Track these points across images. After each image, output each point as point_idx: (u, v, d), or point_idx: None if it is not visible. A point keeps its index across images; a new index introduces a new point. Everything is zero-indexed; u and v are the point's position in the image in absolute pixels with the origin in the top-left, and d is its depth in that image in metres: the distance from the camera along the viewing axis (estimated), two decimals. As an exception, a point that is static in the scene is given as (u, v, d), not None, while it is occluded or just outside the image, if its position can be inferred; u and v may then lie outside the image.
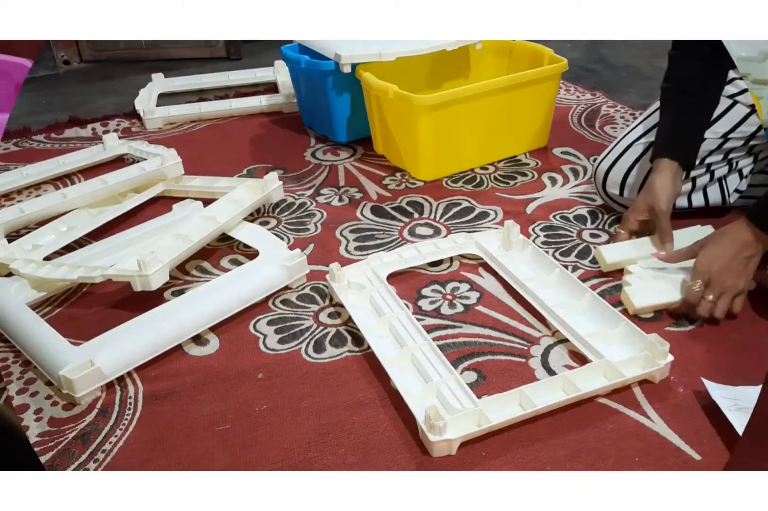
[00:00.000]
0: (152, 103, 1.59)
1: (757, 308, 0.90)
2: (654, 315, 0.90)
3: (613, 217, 1.11)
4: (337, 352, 0.86)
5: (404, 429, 0.74)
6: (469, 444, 0.72)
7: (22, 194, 1.26)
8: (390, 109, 1.20)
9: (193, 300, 0.89)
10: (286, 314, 0.93)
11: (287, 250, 0.98)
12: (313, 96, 1.36)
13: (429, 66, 1.35)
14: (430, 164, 1.23)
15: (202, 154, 1.37)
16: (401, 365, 0.81)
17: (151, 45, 1.95)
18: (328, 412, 0.77)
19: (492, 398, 0.74)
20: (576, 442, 0.72)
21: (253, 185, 1.11)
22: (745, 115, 0.98)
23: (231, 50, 1.96)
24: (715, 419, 0.73)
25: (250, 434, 0.75)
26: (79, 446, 0.74)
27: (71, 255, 1.01)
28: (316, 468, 0.70)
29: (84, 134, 1.49)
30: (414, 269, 1.00)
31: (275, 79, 1.69)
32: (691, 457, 0.70)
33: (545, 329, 0.88)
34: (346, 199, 1.20)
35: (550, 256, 0.99)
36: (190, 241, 0.96)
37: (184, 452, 0.73)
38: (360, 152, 1.36)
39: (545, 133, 1.34)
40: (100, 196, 1.14)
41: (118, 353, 0.81)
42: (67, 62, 1.94)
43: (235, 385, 0.81)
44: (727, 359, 0.82)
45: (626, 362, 0.77)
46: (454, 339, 0.87)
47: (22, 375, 0.84)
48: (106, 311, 0.94)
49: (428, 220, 1.13)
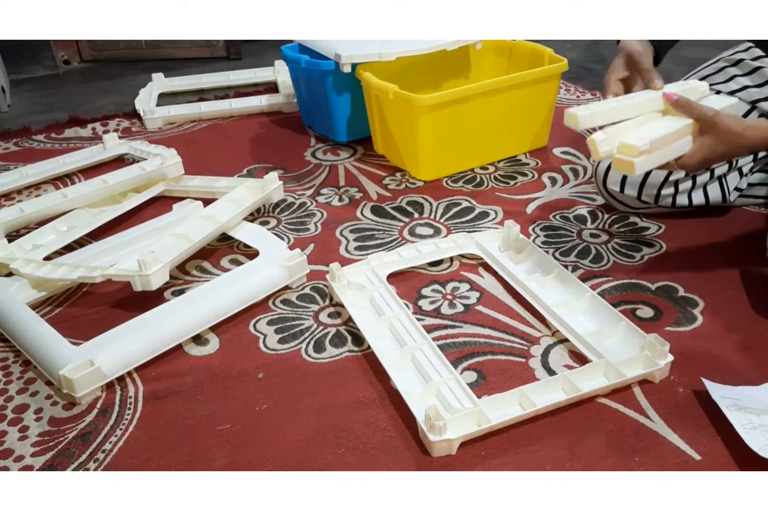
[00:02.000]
0: (152, 103, 1.59)
1: (757, 308, 0.90)
2: (654, 315, 0.90)
3: (613, 217, 1.11)
4: (337, 352, 0.86)
5: (404, 429, 0.74)
6: (469, 444, 0.72)
7: (22, 194, 1.26)
8: (390, 109, 1.20)
9: (193, 300, 0.89)
10: (286, 313, 0.93)
11: (287, 250, 0.98)
12: (313, 96, 1.36)
13: (429, 66, 1.35)
14: (430, 164, 1.23)
15: (202, 154, 1.37)
16: (401, 365, 0.81)
17: (151, 45, 1.95)
18: (328, 412, 0.77)
19: (492, 398, 0.74)
20: (576, 442, 0.72)
21: (253, 185, 1.11)
22: (745, 112, 0.98)
23: (231, 50, 1.96)
24: (715, 419, 0.73)
25: (250, 434, 0.75)
26: (79, 445, 0.74)
27: (71, 255, 1.01)
28: (316, 468, 0.70)
29: (84, 134, 1.49)
30: (414, 269, 1.00)
31: (275, 79, 1.69)
32: (691, 457, 0.70)
33: (545, 329, 0.88)
34: (346, 199, 1.20)
35: (550, 256, 0.99)
36: (190, 241, 0.96)
37: (184, 452, 0.73)
38: (360, 152, 1.36)
39: (545, 133, 1.34)
40: (100, 196, 1.14)
41: (118, 353, 0.81)
42: (67, 62, 1.94)
43: (235, 385, 0.81)
44: (727, 359, 0.82)
45: (626, 362, 0.77)
46: (454, 339, 0.87)
47: (22, 375, 0.84)
48: (106, 311, 0.94)
49: (428, 220, 1.13)
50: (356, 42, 1.24)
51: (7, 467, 0.72)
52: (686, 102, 0.79)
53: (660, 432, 0.73)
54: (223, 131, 1.49)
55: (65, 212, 1.11)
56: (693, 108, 0.78)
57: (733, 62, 1.00)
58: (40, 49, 1.87)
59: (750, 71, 0.99)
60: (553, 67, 1.25)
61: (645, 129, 0.79)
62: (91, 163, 1.32)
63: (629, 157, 0.76)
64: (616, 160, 0.78)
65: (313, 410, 0.77)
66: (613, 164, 0.79)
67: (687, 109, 0.79)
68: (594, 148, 0.77)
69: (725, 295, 0.93)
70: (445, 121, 1.18)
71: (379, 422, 0.75)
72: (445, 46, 1.26)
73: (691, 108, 0.79)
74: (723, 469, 0.68)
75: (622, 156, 0.77)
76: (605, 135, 0.77)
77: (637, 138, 0.76)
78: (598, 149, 0.77)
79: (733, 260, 0.99)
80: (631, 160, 0.76)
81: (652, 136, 0.77)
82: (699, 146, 0.78)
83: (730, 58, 1.01)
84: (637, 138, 0.76)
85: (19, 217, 1.07)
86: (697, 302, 0.92)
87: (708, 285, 0.95)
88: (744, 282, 0.95)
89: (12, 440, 0.75)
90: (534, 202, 1.16)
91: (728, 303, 0.91)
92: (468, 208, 1.16)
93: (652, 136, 0.77)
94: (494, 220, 1.12)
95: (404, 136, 1.22)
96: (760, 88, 0.98)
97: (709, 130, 0.78)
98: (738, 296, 0.92)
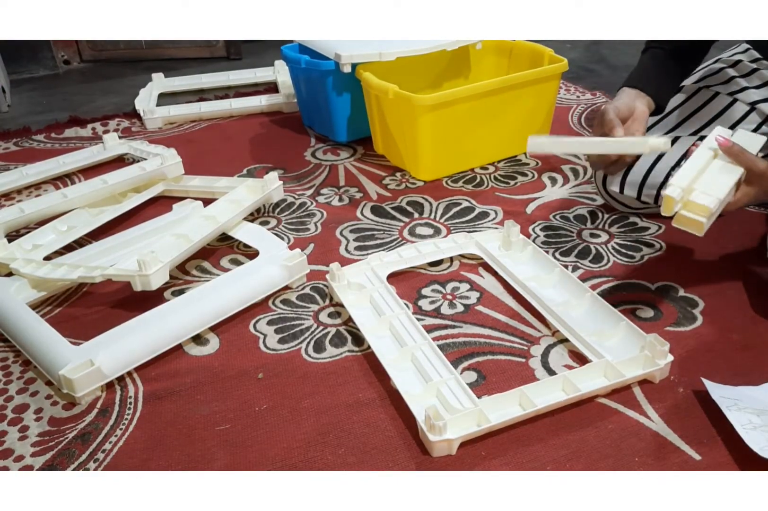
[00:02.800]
0: (152, 103, 1.59)
1: (757, 308, 0.90)
2: (654, 315, 0.90)
3: (613, 217, 1.11)
4: (337, 352, 0.86)
5: (404, 429, 0.74)
6: (469, 444, 0.72)
7: (22, 194, 1.26)
8: (390, 109, 1.20)
9: (193, 300, 0.89)
10: (286, 313, 0.93)
11: (287, 250, 0.98)
12: (313, 96, 1.36)
13: (429, 66, 1.35)
14: (430, 164, 1.23)
15: (202, 154, 1.37)
16: (401, 365, 0.81)
17: (151, 45, 1.95)
18: (328, 412, 0.77)
19: (492, 398, 0.74)
20: (576, 442, 0.72)
21: (253, 185, 1.11)
22: (745, 113, 0.98)
23: (231, 50, 1.96)
24: (715, 419, 0.73)
25: (250, 434, 0.75)
26: (79, 445, 0.74)
27: (71, 255, 1.01)
28: (316, 468, 0.70)
29: (84, 134, 1.49)
30: (414, 269, 1.00)
31: (275, 79, 1.69)
32: (691, 457, 0.70)
33: (545, 329, 0.88)
34: (346, 199, 1.20)
35: (550, 256, 0.99)
36: (190, 241, 0.96)
37: (184, 452, 0.73)
38: (360, 152, 1.36)
39: (545, 133, 1.34)
40: (100, 196, 1.14)
41: (118, 353, 0.81)
42: (67, 62, 1.94)
43: (235, 385, 0.81)
44: (727, 359, 0.82)
45: (626, 362, 0.77)
46: (454, 339, 0.87)
47: (22, 375, 0.84)
48: (106, 311, 0.94)
49: (428, 220, 1.13)
50: (356, 42, 1.24)
51: (7, 467, 0.72)
52: (740, 151, 0.78)
53: (660, 432, 0.73)
54: (223, 131, 1.49)
55: (65, 212, 1.11)
56: (746, 158, 0.77)
57: (732, 63, 1.00)
58: (40, 49, 1.87)
59: (748, 72, 0.99)
60: (553, 67, 1.25)
61: (706, 179, 0.76)
62: (91, 163, 1.32)
63: (698, 217, 0.74)
64: (682, 217, 0.74)
65: (313, 410, 0.77)
66: (676, 220, 0.75)
67: (739, 158, 0.78)
68: (670, 206, 0.74)
69: (725, 295, 0.93)
70: (445, 121, 1.18)
71: (379, 422, 0.75)
72: (445, 46, 1.26)
73: (744, 157, 0.77)
74: (723, 469, 0.68)
75: (691, 214, 0.74)
76: (681, 190, 0.74)
77: (705, 195, 0.74)
78: (674, 208, 0.74)
79: (733, 260, 0.99)
80: (700, 220, 0.73)
81: (719, 193, 0.74)
82: (743, 195, 0.78)
83: (729, 60, 1.01)
84: (705, 195, 0.74)
85: (19, 217, 1.07)
86: (697, 302, 0.92)
87: (708, 285, 0.95)
88: (744, 282, 0.95)
89: (12, 440, 0.75)
90: (534, 202, 1.16)
91: (728, 303, 0.91)
92: (468, 208, 1.16)
93: (718, 193, 0.74)
94: (494, 220, 1.12)
95: (404, 136, 1.22)
96: (759, 89, 0.98)
97: (756, 181, 0.78)
98: (738, 296, 0.93)
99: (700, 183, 0.76)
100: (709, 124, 0.99)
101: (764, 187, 0.77)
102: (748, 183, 0.78)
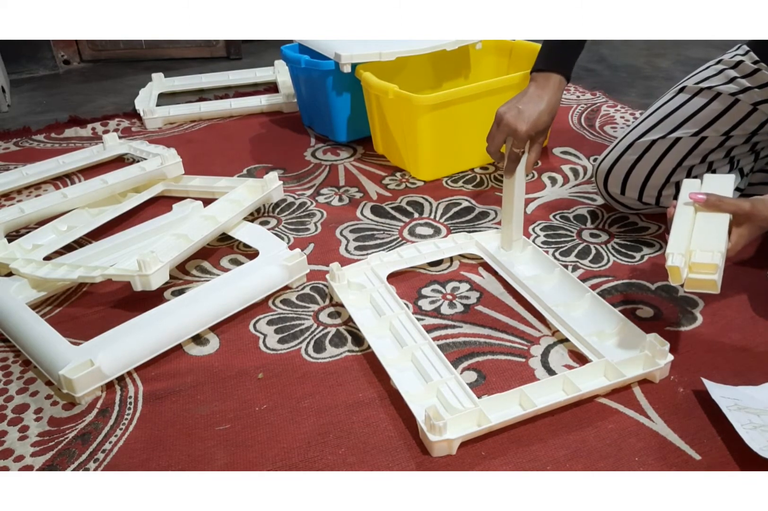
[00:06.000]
0: (152, 103, 1.59)
1: (756, 308, 0.90)
2: (654, 315, 0.90)
3: (613, 217, 1.11)
4: (337, 352, 0.86)
5: (404, 429, 0.74)
6: (469, 444, 0.72)
7: (22, 194, 1.26)
8: (390, 109, 1.20)
9: (193, 300, 0.89)
10: (286, 313, 0.93)
11: (287, 250, 0.98)
12: (313, 96, 1.36)
13: (429, 66, 1.35)
14: (430, 164, 1.23)
15: (202, 154, 1.37)
16: (401, 365, 0.81)
17: (151, 45, 1.95)
18: (328, 412, 0.77)
19: (492, 398, 0.74)
20: (576, 442, 0.72)
21: (253, 185, 1.11)
22: (747, 113, 0.98)
23: (231, 50, 1.96)
24: (715, 419, 0.73)
25: (250, 434, 0.75)
26: (79, 445, 0.74)
27: (71, 255, 1.01)
28: (316, 468, 0.70)
29: (84, 134, 1.49)
30: (414, 269, 1.00)
31: (275, 79, 1.70)
32: (691, 457, 0.70)
33: (545, 329, 0.88)
34: (346, 199, 1.20)
35: (550, 256, 0.99)
36: (190, 241, 0.96)
37: (184, 452, 0.73)
38: (360, 152, 1.36)
39: (545, 133, 1.34)
40: (100, 196, 1.14)
41: (118, 353, 0.81)
42: (67, 62, 1.94)
43: (235, 385, 0.81)
44: (727, 359, 0.82)
45: (626, 362, 0.77)
46: (454, 339, 0.87)
47: (22, 375, 0.84)
48: (106, 311, 0.94)
49: (428, 220, 1.13)
50: (356, 42, 1.25)
51: (7, 467, 0.72)
52: (718, 200, 0.78)
53: (660, 432, 0.73)
54: (223, 131, 1.49)
55: (65, 212, 1.11)
56: (728, 204, 0.77)
57: (733, 64, 1.01)
58: (40, 49, 1.87)
59: (750, 73, 0.99)
60: (553, 67, 1.24)
61: (700, 237, 0.76)
62: (90, 163, 1.32)
63: (708, 276, 0.73)
64: (692, 280, 0.74)
65: (313, 410, 0.77)
66: (687, 285, 0.75)
67: (721, 207, 0.78)
68: (677, 275, 0.74)
69: (725, 295, 0.93)
70: (445, 121, 1.18)
71: (379, 422, 0.75)
72: (445, 46, 1.26)
73: (725, 205, 0.78)
74: (723, 469, 0.68)
75: (701, 276, 0.74)
76: (681, 257, 0.74)
77: (706, 252, 0.74)
78: (682, 276, 0.74)
79: (733, 260, 0.99)
80: (712, 279, 0.73)
81: (719, 246, 0.74)
82: (738, 238, 0.78)
83: (730, 61, 1.01)
84: (706, 252, 0.74)
85: (19, 217, 1.07)
86: (697, 302, 0.92)
87: (708, 285, 0.95)
88: (744, 282, 0.95)
89: (12, 440, 0.75)
90: (534, 202, 1.16)
91: (728, 303, 0.91)
92: (468, 208, 1.16)
93: (718, 246, 0.74)
94: (494, 220, 1.12)
95: (404, 136, 1.22)
96: (761, 89, 0.98)
97: (746, 221, 0.77)
98: (738, 296, 0.93)
99: (696, 242, 0.76)
100: (711, 125, 0.99)
101: (756, 223, 0.77)
102: (738, 225, 0.78)
